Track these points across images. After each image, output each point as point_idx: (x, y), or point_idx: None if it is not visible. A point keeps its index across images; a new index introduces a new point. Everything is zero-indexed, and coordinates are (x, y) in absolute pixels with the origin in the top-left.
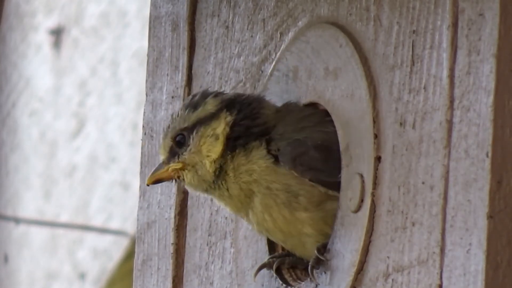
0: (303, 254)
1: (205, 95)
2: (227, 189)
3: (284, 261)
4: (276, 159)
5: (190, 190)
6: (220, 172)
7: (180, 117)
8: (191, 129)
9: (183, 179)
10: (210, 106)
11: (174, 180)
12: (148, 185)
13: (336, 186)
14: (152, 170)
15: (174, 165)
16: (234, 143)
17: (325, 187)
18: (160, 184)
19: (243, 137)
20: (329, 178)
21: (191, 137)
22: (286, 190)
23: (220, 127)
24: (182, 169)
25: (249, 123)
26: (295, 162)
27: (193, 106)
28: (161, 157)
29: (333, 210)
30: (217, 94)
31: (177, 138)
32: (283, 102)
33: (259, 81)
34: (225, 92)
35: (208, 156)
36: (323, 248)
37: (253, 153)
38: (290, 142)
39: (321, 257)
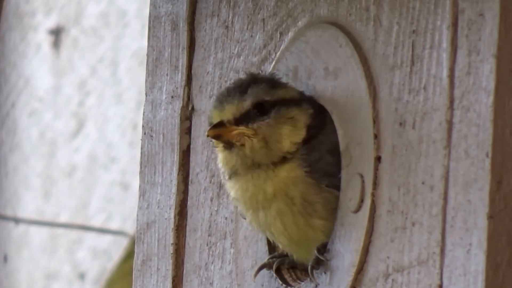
0: (306, 258)
1: (277, 77)
2: (268, 178)
3: (284, 261)
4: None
5: (241, 160)
6: (285, 159)
7: (259, 89)
8: (272, 104)
9: (245, 145)
10: (293, 92)
11: (229, 145)
12: (208, 136)
13: None
14: (212, 126)
15: (245, 130)
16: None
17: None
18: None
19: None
20: None
21: (272, 111)
22: (303, 199)
23: (304, 116)
24: (250, 136)
25: (319, 125)
26: (311, 168)
27: (271, 83)
28: (222, 118)
29: None
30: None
31: (259, 106)
32: None
33: None
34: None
35: (290, 136)
36: (323, 248)
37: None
38: (307, 147)
39: (321, 257)
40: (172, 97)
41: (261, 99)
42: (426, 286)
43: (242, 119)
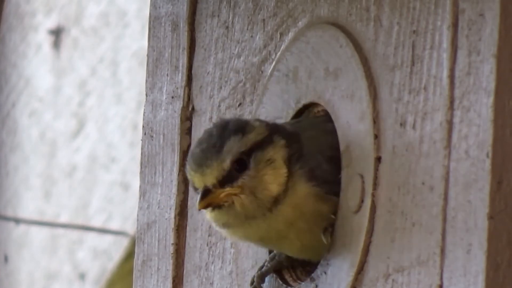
0: (312, 257)
1: (244, 120)
2: (281, 214)
3: (282, 263)
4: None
5: (233, 217)
6: (279, 198)
7: (233, 141)
8: (248, 153)
9: (234, 204)
10: (261, 129)
11: (218, 206)
12: (200, 209)
13: None
14: (199, 196)
15: (231, 190)
16: (290, 166)
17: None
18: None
19: (296, 160)
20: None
21: (251, 161)
22: (316, 212)
23: (279, 151)
24: (237, 194)
25: (297, 146)
26: (312, 176)
27: (240, 129)
28: (205, 183)
29: None
30: (255, 120)
31: (238, 162)
32: (283, 102)
33: (259, 81)
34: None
35: (274, 180)
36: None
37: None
38: (307, 158)
39: (332, 216)
40: (172, 97)
41: (238, 154)
42: (426, 286)
43: (225, 180)
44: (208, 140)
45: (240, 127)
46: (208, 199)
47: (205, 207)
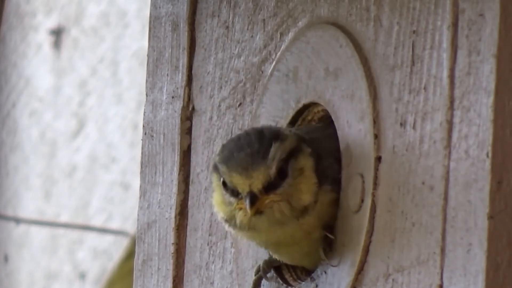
0: (310, 264)
1: (275, 127)
2: (305, 224)
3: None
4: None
5: (268, 222)
6: (308, 208)
7: (275, 148)
8: (286, 160)
9: (273, 210)
10: (293, 137)
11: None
12: (252, 215)
13: None
14: (248, 201)
15: (274, 197)
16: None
17: None
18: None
19: (320, 169)
20: None
21: (288, 169)
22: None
23: (308, 160)
24: (277, 201)
25: (317, 154)
26: (326, 177)
27: (277, 138)
28: (251, 188)
29: None
30: (283, 128)
31: (280, 170)
32: (283, 102)
33: (259, 81)
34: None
35: (308, 190)
36: (329, 229)
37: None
38: (323, 161)
39: (330, 236)
40: (172, 97)
41: (281, 160)
42: (426, 286)
43: (270, 186)
44: (250, 145)
45: (276, 134)
46: (257, 204)
47: (255, 213)
